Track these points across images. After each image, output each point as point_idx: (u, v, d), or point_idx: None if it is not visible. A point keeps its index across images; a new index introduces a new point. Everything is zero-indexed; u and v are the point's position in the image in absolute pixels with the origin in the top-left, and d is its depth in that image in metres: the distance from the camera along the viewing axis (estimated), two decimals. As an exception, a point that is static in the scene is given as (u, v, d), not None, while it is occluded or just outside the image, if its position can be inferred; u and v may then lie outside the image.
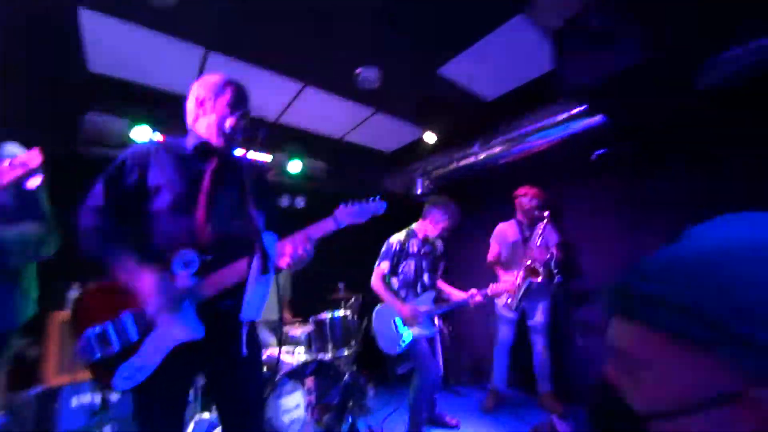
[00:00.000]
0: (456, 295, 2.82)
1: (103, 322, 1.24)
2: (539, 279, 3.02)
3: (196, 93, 1.49)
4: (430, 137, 3.78)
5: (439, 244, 2.93)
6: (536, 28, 2.45)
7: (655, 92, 2.40)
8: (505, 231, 3.45)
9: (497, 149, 3.50)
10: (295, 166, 4.13)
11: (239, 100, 1.46)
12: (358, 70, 2.84)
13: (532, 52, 2.70)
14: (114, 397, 2.60)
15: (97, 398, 2.52)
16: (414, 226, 2.87)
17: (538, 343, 3.22)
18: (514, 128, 3.32)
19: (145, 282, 1.20)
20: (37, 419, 2.33)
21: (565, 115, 2.93)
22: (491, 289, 2.78)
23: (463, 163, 3.83)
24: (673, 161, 2.88)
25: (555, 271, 2.78)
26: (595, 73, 2.21)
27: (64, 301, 2.75)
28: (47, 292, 2.56)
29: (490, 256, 3.47)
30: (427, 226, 2.79)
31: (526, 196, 3.31)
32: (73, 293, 2.82)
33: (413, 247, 2.76)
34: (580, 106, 2.81)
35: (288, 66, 2.82)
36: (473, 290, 2.75)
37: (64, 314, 2.68)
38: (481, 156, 3.63)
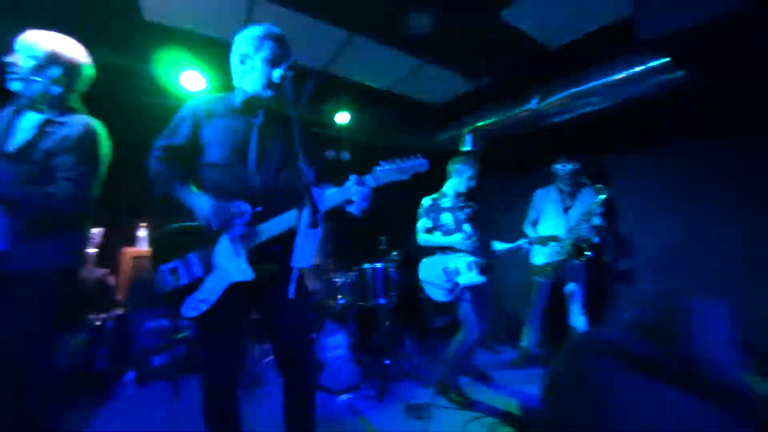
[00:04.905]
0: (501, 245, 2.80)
1: (175, 260, 1.45)
2: (583, 259, 2.91)
3: (237, 50, 1.52)
4: (483, 89, 3.54)
5: (473, 202, 2.89)
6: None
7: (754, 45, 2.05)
8: (544, 197, 3.30)
9: (557, 105, 3.23)
10: (342, 118, 4.11)
11: (281, 52, 1.48)
12: (408, 16, 2.66)
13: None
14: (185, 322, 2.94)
15: (169, 323, 2.86)
16: (444, 187, 2.86)
17: (574, 312, 3.17)
18: (578, 82, 3.02)
19: (204, 205, 1.40)
20: (116, 338, 2.71)
21: (639, 69, 2.61)
22: (534, 238, 2.79)
23: (517, 118, 3.59)
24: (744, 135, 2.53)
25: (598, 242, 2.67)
26: (681, 20, 1.91)
27: (134, 239, 3.10)
28: (119, 231, 2.90)
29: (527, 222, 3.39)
30: (455, 184, 2.78)
31: (567, 164, 3.12)
32: (142, 232, 3.15)
33: (447, 203, 2.78)
34: (659, 59, 2.48)
35: (335, 13, 2.70)
36: (520, 240, 2.75)
37: (135, 250, 3.02)
38: (539, 111, 3.37)
